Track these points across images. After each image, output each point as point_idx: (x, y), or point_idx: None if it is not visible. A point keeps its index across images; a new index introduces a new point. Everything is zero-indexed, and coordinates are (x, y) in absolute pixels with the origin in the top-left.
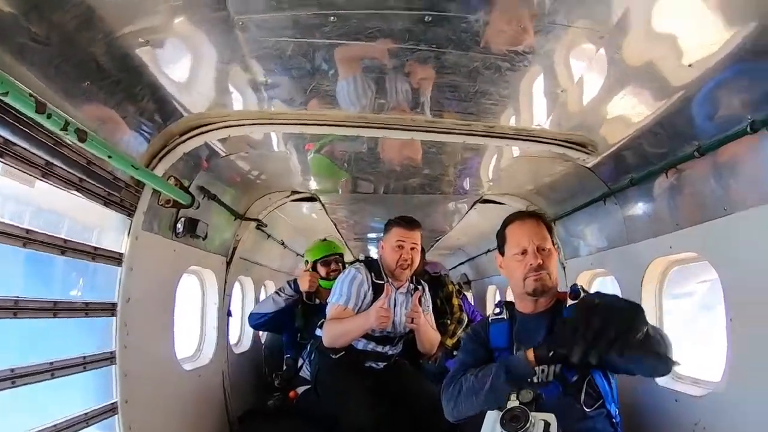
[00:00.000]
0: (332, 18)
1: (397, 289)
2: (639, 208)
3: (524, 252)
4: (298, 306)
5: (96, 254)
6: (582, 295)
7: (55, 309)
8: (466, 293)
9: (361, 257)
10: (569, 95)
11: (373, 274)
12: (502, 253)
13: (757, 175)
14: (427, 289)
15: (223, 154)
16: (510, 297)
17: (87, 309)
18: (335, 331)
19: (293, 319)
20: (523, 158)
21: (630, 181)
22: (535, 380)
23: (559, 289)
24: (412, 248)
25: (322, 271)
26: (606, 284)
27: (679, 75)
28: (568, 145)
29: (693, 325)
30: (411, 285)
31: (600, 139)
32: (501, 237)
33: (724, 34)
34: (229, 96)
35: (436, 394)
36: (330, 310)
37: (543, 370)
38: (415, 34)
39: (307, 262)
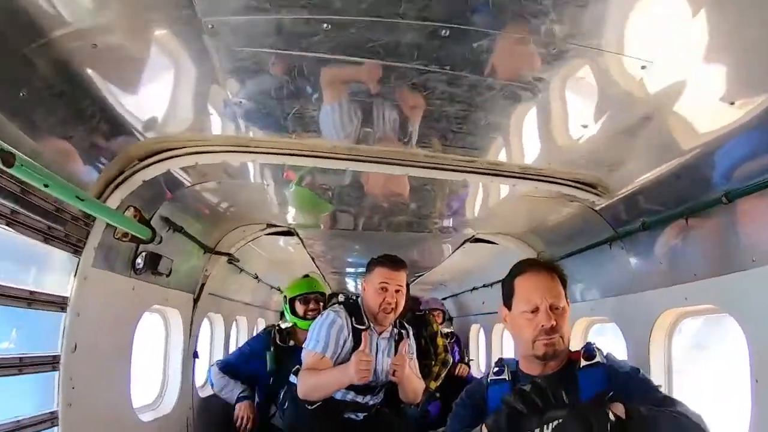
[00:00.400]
0: (326, 26)
1: (380, 334)
2: (650, 254)
3: (535, 310)
4: (270, 348)
5: (33, 299)
6: (596, 356)
7: None
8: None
9: (341, 298)
10: (590, 131)
11: (353, 319)
12: (508, 307)
13: None
14: (411, 333)
15: (189, 184)
16: (496, 340)
17: (21, 365)
18: (310, 383)
19: (264, 363)
20: (522, 197)
21: (641, 226)
22: None
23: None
24: (397, 290)
25: (300, 309)
26: (605, 332)
27: (718, 115)
28: (577, 185)
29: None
30: (395, 330)
31: (614, 180)
32: (508, 288)
33: None
34: (198, 117)
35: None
36: (305, 358)
37: None
38: (427, 51)
39: (285, 298)
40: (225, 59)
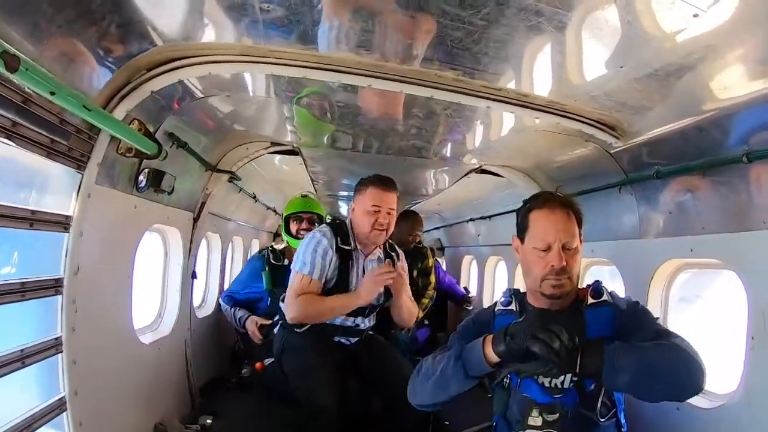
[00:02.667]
0: None
1: (366, 256)
2: (659, 203)
3: (547, 249)
4: (265, 269)
5: (35, 219)
6: (604, 295)
7: None
8: (438, 259)
9: (328, 219)
10: (625, 72)
11: (339, 239)
12: (521, 239)
13: None
14: (403, 257)
15: (200, 96)
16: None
17: (23, 290)
18: (311, 310)
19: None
20: (536, 131)
21: (655, 174)
22: (550, 385)
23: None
24: (389, 212)
25: (293, 228)
26: (602, 274)
27: (754, 77)
28: (598, 125)
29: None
30: (384, 252)
31: (635, 125)
32: (523, 220)
33: None
34: (216, 24)
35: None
36: (293, 279)
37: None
38: None
39: (282, 215)
40: None
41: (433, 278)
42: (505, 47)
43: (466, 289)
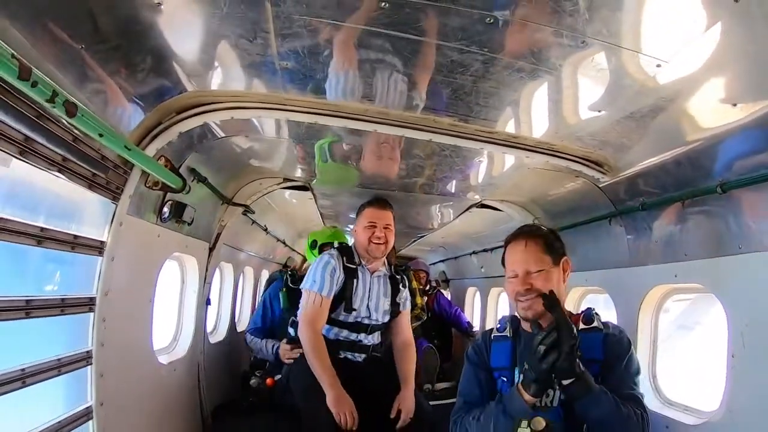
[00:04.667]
0: (384, 4)
1: (372, 273)
2: (646, 233)
3: (515, 276)
4: (283, 289)
5: (76, 243)
6: (595, 321)
7: (28, 308)
8: (443, 291)
9: (336, 244)
10: (604, 116)
11: (345, 258)
12: (505, 270)
13: None
14: (407, 281)
15: (221, 136)
16: (492, 303)
17: (63, 306)
18: (310, 350)
19: (279, 303)
20: (530, 168)
21: (641, 206)
22: (539, 404)
23: (572, 311)
24: (386, 227)
25: None
26: (597, 302)
27: (721, 114)
28: (584, 162)
29: (668, 344)
30: (386, 270)
31: (619, 161)
32: (503, 254)
33: None
34: (240, 75)
35: (417, 397)
36: (304, 296)
37: (547, 395)
38: (471, 34)
39: (315, 242)
40: (281, 25)
41: (419, 301)
42: (494, 97)
43: (469, 323)
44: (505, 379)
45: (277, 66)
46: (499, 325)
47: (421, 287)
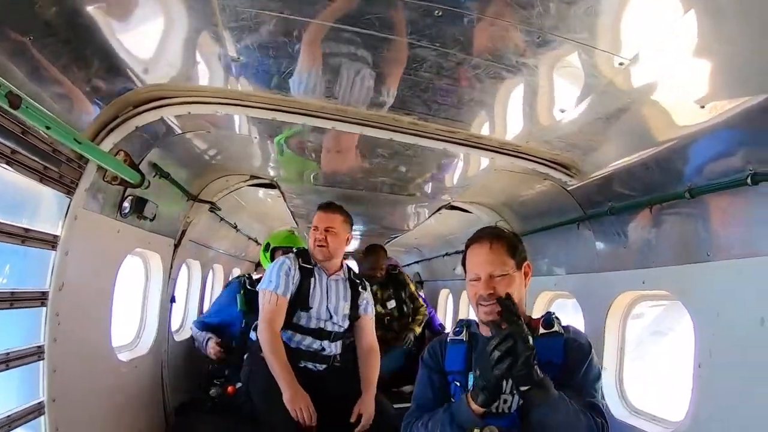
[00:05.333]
0: None
1: (329, 275)
2: (614, 238)
3: (477, 279)
4: (241, 291)
5: (27, 237)
6: (555, 326)
7: None
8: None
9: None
10: (568, 116)
11: (300, 260)
12: (465, 273)
13: (747, 226)
14: (368, 287)
15: (180, 132)
16: (464, 305)
17: (12, 299)
18: (269, 350)
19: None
20: (500, 171)
21: (609, 210)
22: (494, 410)
23: (531, 315)
24: (327, 230)
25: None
26: (566, 306)
27: (689, 115)
28: (552, 164)
29: (641, 349)
30: (344, 273)
31: (586, 163)
32: (463, 257)
33: (745, 87)
34: (194, 69)
35: (385, 407)
36: (261, 296)
37: (505, 401)
38: (420, 27)
39: (268, 245)
40: (228, 18)
41: (421, 301)
42: (451, 95)
43: (441, 325)
44: (458, 383)
45: (232, 60)
46: (456, 328)
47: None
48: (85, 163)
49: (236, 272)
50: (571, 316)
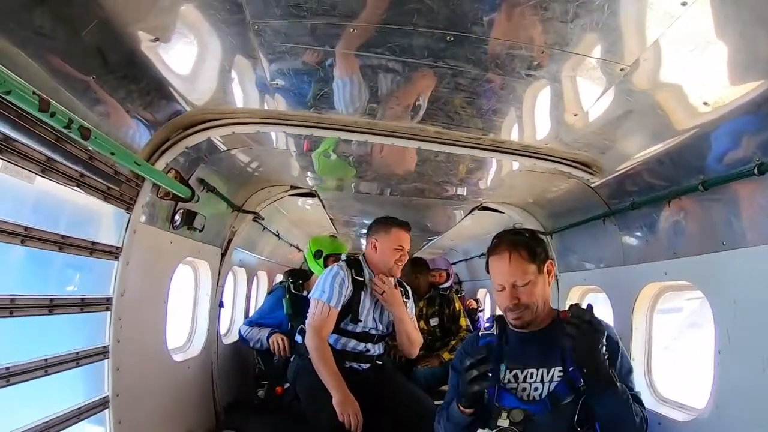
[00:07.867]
0: (352, 30)
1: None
2: (637, 231)
3: (502, 288)
4: (286, 296)
5: (94, 249)
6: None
7: (51, 306)
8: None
9: (343, 257)
10: (580, 119)
11: (353, 271)
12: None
13: (759, 215)
14: (410, 292)
15: (225, 149)
16: None
17: (82, 304)
18: (318, 357)
19: (283, 310)
20: (526, 172)
21: (630, 205)
22: (525, 397)
23: (559, 309)
24: (404, 248)
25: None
26: (597, 300)
27: (695, 113)
28: (573, 164)
29: (680, 342)
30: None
31: (606, 161)
32: (486, 265)
33: (746, 79)
34: (238, 94)
35: (425, 401)
36: (313, 305)
37: (536, 388)
38: (435, 51)
39: (320, 252)
40: (266, 51)
41: (464, 321)
42: (471, 106)
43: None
44: (490, 375)
45: (270, 85)
46: (487, 324)
47: (440, 285)
48: (142, 181)
49: (279, 278)
50: (601, 309)
